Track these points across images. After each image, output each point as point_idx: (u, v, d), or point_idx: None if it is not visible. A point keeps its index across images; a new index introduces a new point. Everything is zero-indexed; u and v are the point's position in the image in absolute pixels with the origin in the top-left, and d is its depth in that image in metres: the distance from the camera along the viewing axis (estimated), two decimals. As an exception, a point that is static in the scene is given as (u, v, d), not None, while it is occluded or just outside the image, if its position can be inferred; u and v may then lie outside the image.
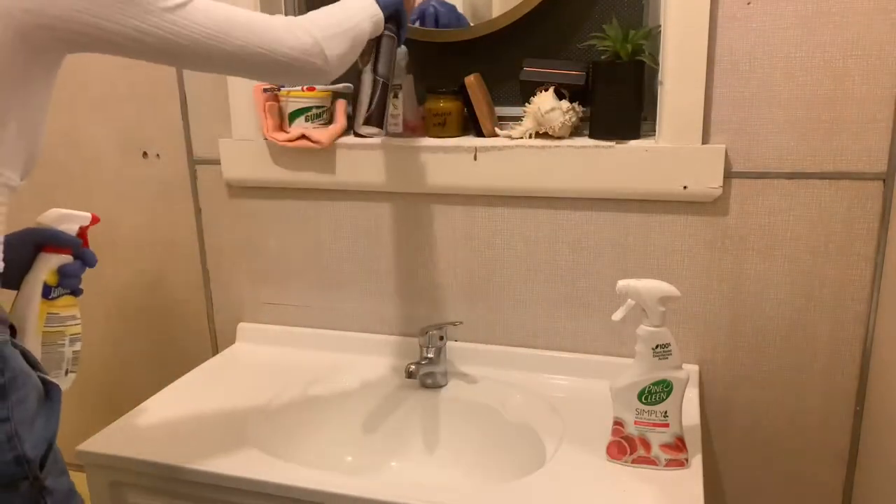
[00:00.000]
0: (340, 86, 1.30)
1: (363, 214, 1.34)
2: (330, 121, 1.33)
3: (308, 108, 1.29)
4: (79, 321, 0.95)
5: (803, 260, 1.15)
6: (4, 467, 0.73)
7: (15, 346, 0.76)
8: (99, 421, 1.16)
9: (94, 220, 0.96)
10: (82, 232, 0.95)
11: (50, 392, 0.79)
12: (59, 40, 0.75)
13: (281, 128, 1.32)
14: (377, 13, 1.03)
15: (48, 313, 0.91)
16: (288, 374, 1.32)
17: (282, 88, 1.31)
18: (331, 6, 1.00)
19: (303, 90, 1.28)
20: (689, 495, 0.94)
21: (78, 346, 0.95)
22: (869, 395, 1.16)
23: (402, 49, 1.24)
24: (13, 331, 0.81)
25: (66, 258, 0.92)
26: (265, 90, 1.30)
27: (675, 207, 1.18)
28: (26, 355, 0.78)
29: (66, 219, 0.93)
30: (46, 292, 0.90)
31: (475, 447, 1.21)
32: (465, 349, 1.32)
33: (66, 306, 0.93)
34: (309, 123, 1.30)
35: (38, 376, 0.78)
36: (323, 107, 1.30)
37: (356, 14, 1.01)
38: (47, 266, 0.91)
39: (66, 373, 0.94)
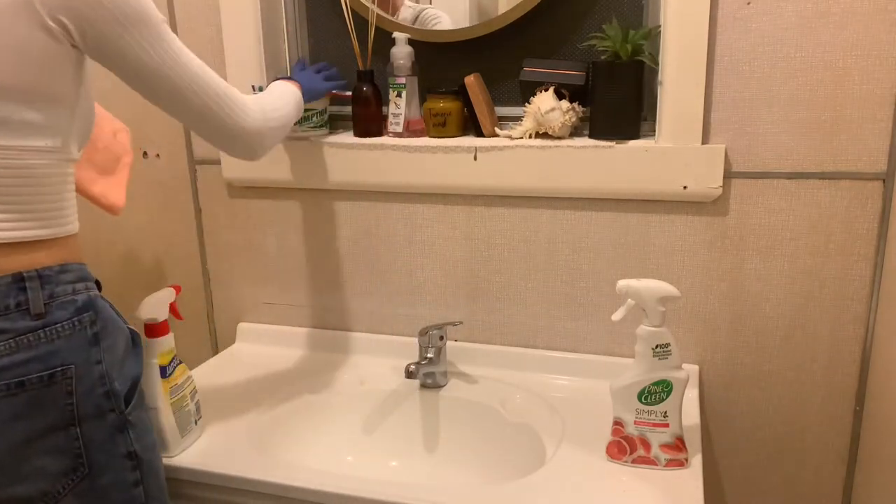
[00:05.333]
0: (339, 87, 1.30)
1: (363, 214, 1.34)
2: (325, 124, 1.32)
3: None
4: (191, 376, 1.08)
5: (803, 260, 1.15)
6: (97, 400, 0.86)
7: (103, 298, 0.91)
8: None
9: (178, 290, 1.10)
10: (172, 306, 1.08)
11: (135, 339, 0.95)
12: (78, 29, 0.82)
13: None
14: (301, 103, 1.16)
15: (170, 388, 1.04)
16: (288, 374, 1.32)
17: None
18: (278, 94, 1.10)
19: None
20: (689, 495, 0.94)
21: (197, 396, 1.10)
22: (869, 395, 1.16)
23: (408, 49, 1.24)
24: (99, 286, 0.93)
25: (168, 338, 1.05)
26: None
27: (675, 207, 1.18)
28: (114, 307, 0.92)
29: (159, 304, 1.05)
30: (163, 373, 1.03)
31: (475, 447, 1.21)
32: (465, 349, 1.32)
33: (180, 374, 1.06)
34: (298, 126, 1.29)
35: (128, 327, 0.93)
36: (313, 110, 1.29)
37: (293, 107, 1.12)
38: (157, 351, 1.03)
39: (196, 422, 1.08)
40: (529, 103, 1.19)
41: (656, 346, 0.97)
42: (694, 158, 1.12)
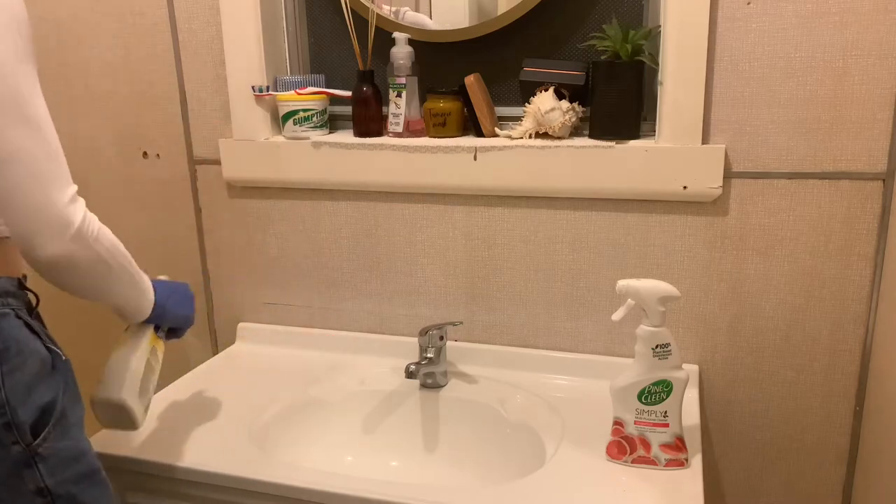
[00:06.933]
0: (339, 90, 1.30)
1: (363, 214, 1.34)
2: (325, 124, 1.32)
3: (295, 112, 1.29)
4: (158, 371, 1.03)
5: (803, 260, 1.15)
6: None
7: (19, 317, 0.80)
8: (98, 422, 1.16)
9: None
10: None
11: (56, 363, 0.83)
12: None
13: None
14: (150, 301, 0.94)
15: (153, 346, 1.00)
16: (288, 374, 1.32)
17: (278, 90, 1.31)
18: (131, 262, 0.88)
19: (296, 93, 1.28)
20: (689, 495, 0.94)
21: (152, 394, 1.02)
22: (869, 395, 1.16)
23: (408, 49, 1.24)
24: (30, 306, 0.85)
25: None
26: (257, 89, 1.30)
27: (674, 207, 1.18)
28: (31, 326, 0.81)
29: None
30: (156, 327, 1.01)
31: (475, 447, 1.21)
32: (465, 349, 1.32)
33: (160, 349, 1.03)
34: (298, 126, 1.29)
35: (47, 347, 0.82)
36: (313, 110, 1.29)
37: (131, 283, 0.89)
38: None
39: (146, 409, 1.00)
40: (529, 103, 1.19)
41: (656, 346, 0.97)
42: (694, 158, 1.12)
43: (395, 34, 1.24)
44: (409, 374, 1.19)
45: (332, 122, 1.36)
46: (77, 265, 0.79)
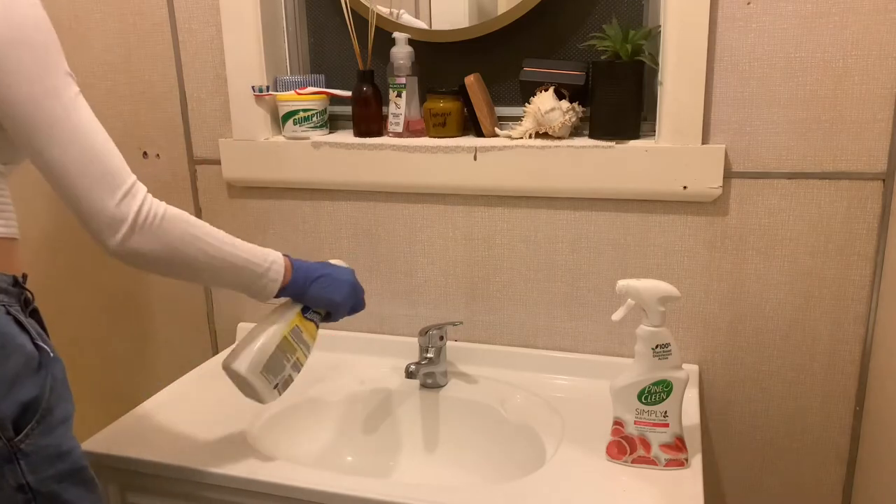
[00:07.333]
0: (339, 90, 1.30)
1: (363, 214, 1.34)
2: (325, 124, 1.32)
3: (295, 112, 1.29)
4: (308, 354, 1.05)
5: (803, 260, 1.15)
6: None
7: (9, 313, 0.81)
8: (98, 421, 1.16)
9: None
10: None
11: (43, 361, 0.82)
12: None
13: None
14: (273, 282, 0.97)
15: (296, 325, 1.01)
16: (288, 374, 1.32)
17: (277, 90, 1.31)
18: (230, 240, 0.95)
19: (296, 93, 1.28)
20: (689, 495, 0.94)
21: (296, 375, 1.04)
22: (869, 395, 1.16)
23: (408, 49, 1.24)
24: (26, 303, 0.85)
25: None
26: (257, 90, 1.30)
27: (674, 207, 1.18)
28: (22, 323, 0.81)
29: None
30: (305, 309, 1.02)
31: (475, 447, 1.21)
32: (465, 349, 1.32)
33: (309, 332, 1.03)
34: (298, 126, 1.30)
35: (35, 344, 0.82)
36: (313, 110, 1.30)
37: (248, 268, 0.95)
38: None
39: (276, 387, 1.01)
40: (529, 103, 1.19)
41: (656, 346, 0.97)
42: (694, 158, 1.12)
43: (395, 34, 1.24)
44: (409, 374, 1.19)
45: (332, 122, 1.36)
46: (144, 256, 0.83)
